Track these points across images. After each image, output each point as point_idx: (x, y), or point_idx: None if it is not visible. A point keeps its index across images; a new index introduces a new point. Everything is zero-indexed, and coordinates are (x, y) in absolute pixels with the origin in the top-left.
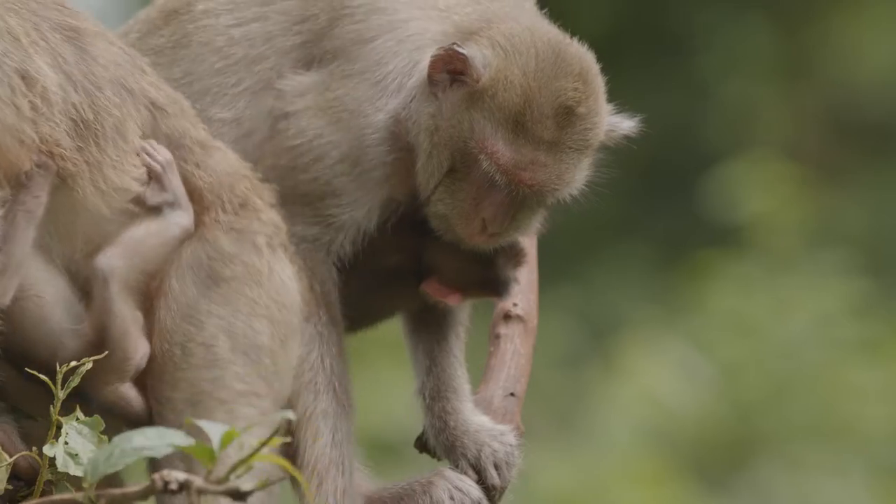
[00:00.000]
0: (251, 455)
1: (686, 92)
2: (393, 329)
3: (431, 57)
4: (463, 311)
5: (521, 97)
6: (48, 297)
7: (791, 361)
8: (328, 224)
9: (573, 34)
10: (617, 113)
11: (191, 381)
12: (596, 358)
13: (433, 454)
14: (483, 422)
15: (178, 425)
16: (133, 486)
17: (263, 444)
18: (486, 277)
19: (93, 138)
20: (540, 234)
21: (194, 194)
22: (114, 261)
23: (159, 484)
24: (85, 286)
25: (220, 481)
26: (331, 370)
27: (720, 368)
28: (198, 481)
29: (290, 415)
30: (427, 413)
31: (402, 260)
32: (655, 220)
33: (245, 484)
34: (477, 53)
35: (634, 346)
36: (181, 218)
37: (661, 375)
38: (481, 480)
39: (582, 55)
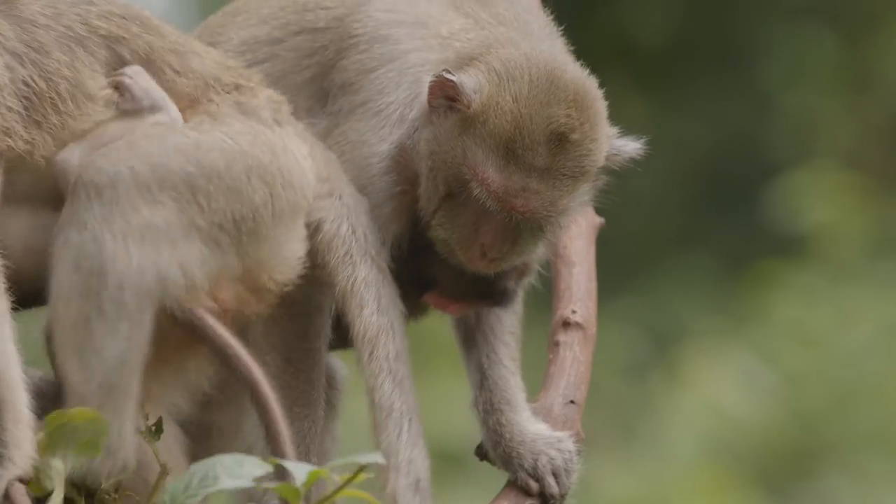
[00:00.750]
0: (335, 492)
1: (749, 102)
2: (452, 337)
3: (429, 84)
4: (510, 318)
5: (512, 123)
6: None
7: (854, 371)
8: None
9: (635, 46)
10: (622, 136)
11: (166, 151)
12: (659, 368)
13: (494, 463)
14: (540, 430)
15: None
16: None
17: (348, 482)
18: (486, 288)
19: (50, 106)
20: (601, 241)
21: (181, 99)
22: (67, 154)
23: None
24: None
25: None
26: (364, 239)
27: (783, 378)
28: None
29: (380, 458)
30: (483, 426)
31: (403, 271)
32: (719, 230)
33: None
34: (468, 80)
35: (698, 355)
36: (161, 117)
37: (725, 385)
38: (541, 489)
39: (579, 80)
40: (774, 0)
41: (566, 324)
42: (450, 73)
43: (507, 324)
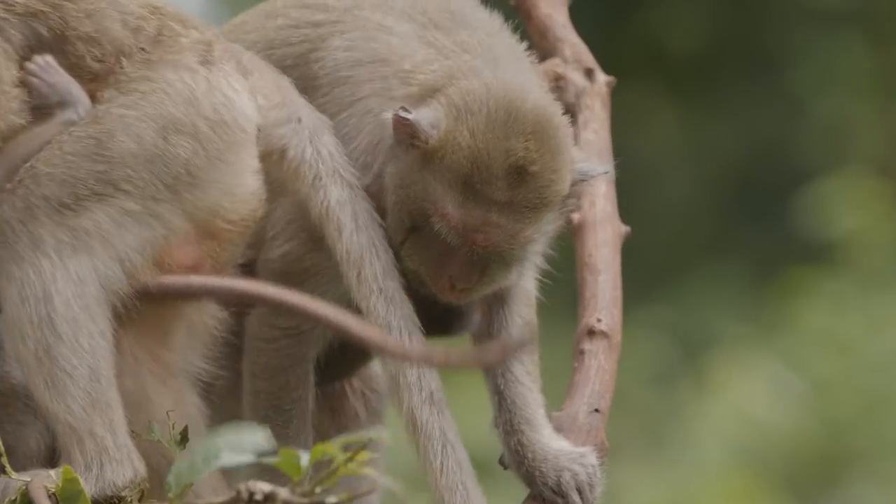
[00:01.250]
0: (338, 467)
1: (780, 108)
2: None
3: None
4: (523, 332)
5: (469, 159)
6: None
7: (883, 378)
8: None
9: (667, 52)
10: (586, 160)
11: (68, 164)
12: (688, 375)
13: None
14: (562, 447)
15: (29, 193)
16: (218, 497)
17: (350, 458)
18: (439, 317)
19: None
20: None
21: (92, 75)
22: None
23: (244, 495)
24: None
25: (306, 493)
26: (331, 159)
27: (812, 385)
28: (283, 493)
29: (383, 433)
30: (505, 446)
31: None
32: (749, 237)
33: (331, 497)
34: (425, 116)
35: (726, 363)
36: (69, 114)
37: (754, 393)
38: None
39: (539, 110)
40: (806, 6)
41: (591, 332)
42: (406, 110)
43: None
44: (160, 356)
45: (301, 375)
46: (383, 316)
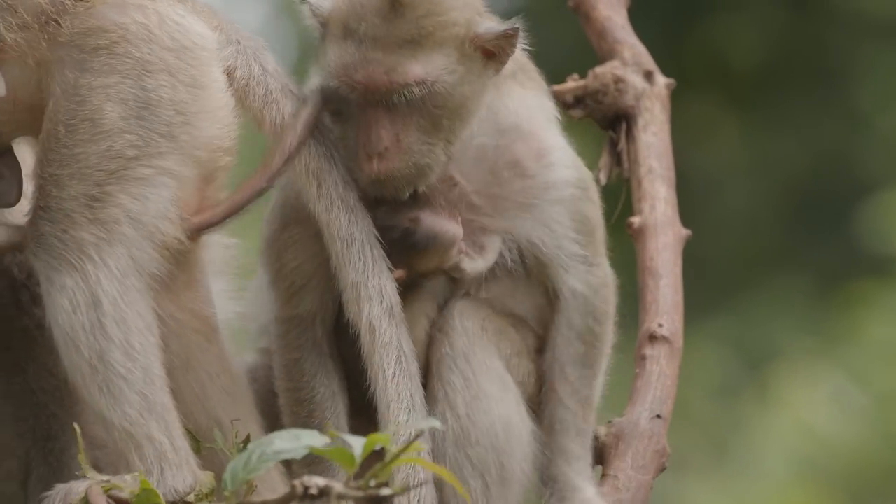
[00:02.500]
0: (392, 460)
1: (844, 122)
2: None
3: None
4: (575, 348)
5: (347, 3)
6: None
7: None
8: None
9: (730, 66)
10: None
11: (77, 157)
12: (750, 387)
13: None
14: (589, 498)
15: (59, 199)
16: (273, 494)
17: (403, 450)
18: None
19: None
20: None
21: (22, 47)
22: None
23: (299, 489)
24: None
25: (360, 486)
26: (277, 74)
27: (875, 398)
28: (338, 486)
29: (437, 423)
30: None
31: None
32: (812, 250)
33: (385, 489)
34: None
35: (789, 375)
36: None
37: (816, 405)
38: None
39: None
40: (870, 20)
41: (652, 337)
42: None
43: (571, 354)
44: (199, 312)
45: (317, 364)
46: (346, 227)
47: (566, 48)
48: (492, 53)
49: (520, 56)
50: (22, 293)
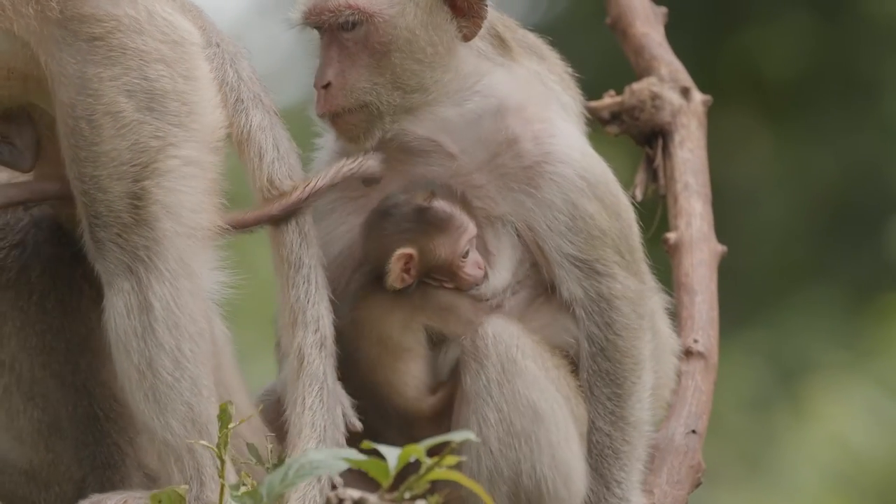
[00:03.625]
0: (427, 472)
1: (876, 135)
2: None
3: None
4: (613, 370)
5: None
6: None
7: None
8: None
9: (763, 78)
10: None
11: (109, 154)
12: (784, 401)
13: None
14: None
15: (107, 203)
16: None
17: (437, 462)
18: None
19: None
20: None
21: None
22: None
23: (334, 502)
24: None
25: (395, 499)
26: (251, 82)
27: None
28: (372, 499)
29: (472, 436)
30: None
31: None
32: (844, 263)
33: (420, 501)
34: None
35: (823, 389)
36: None
37: (850, 419)
38: None
39: None
40: None
41: (688, 353)
42: None
43: (596, 371)
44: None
45: None
46: (295, 250)
47: (603, 64)
48: (460, 10)
49: (533, 40)
50: (92, 311)
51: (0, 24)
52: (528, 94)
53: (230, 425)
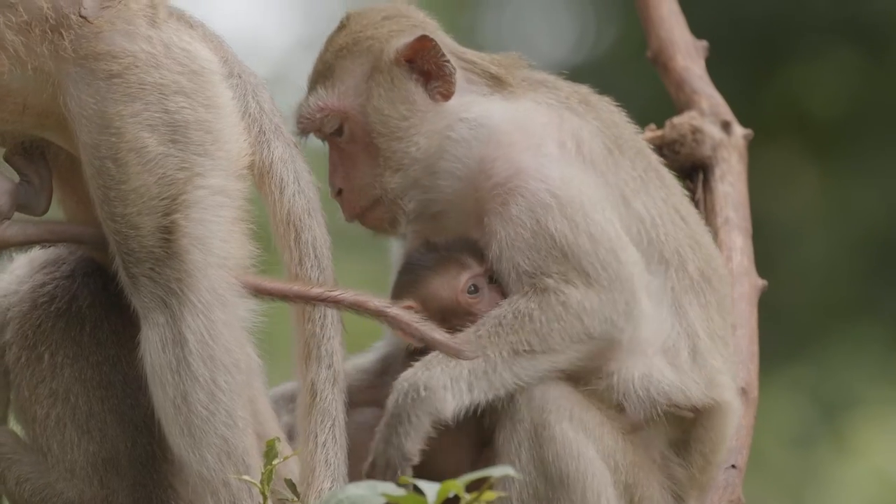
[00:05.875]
0: None
1: None
2: None
3: None
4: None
5: None
6: None
7: None
8: None
9: (809, 115)
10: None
11: (138, 191)
12: (827, 437)
13: None
14: None
15: (139, 238)
16: None
17: (476, 498)
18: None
19: None
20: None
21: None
22: None
23: None
24: None
25: None
26: (272, 115)
27: None
28: None
29: (511, 471)
30: None
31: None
32: (888, 300)
33: None
34: None
35: (866, 425)
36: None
37: (893, 455)
38: None
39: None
40: None
41: None
42: None
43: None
44: None
45: None
46: (315, 281)
47: (644, 98)
48: (428, 73)
49: (543, 75)
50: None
51: (14, 63)
52: (518, 124)
53: (275, 461)
